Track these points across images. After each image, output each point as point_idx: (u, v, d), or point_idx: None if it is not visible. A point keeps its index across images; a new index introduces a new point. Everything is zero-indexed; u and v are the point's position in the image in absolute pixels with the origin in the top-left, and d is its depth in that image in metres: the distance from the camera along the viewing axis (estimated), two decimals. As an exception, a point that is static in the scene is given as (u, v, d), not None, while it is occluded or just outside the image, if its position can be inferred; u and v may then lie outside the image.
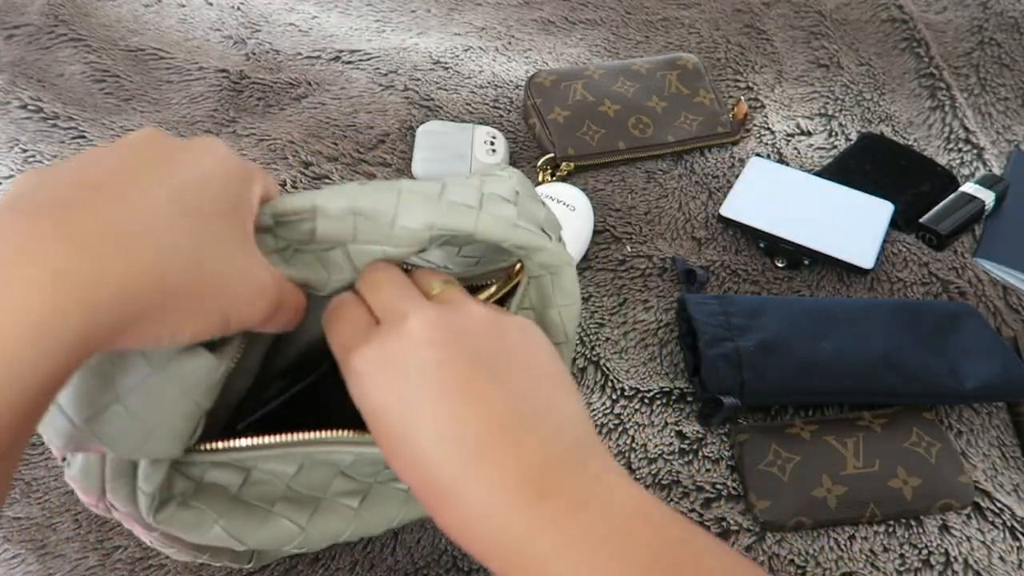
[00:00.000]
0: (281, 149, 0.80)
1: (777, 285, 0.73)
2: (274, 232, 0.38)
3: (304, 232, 0.37)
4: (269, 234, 0.38)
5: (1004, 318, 0.71)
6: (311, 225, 0.37)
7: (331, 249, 0.38)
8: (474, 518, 0.32)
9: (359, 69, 0.90)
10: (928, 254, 0.76)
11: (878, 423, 0.61)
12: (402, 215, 0.37)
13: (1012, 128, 0.91)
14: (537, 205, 0.43)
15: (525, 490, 0.31)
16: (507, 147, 0.81)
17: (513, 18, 0.99)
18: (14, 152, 0.77)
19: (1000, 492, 0.60)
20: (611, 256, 0.74)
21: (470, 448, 0.32)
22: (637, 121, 0.83)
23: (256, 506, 0.38)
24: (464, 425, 0.32)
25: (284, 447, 0.39)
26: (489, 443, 0.32)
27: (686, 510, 0.58)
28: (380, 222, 0.37)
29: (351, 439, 0.40)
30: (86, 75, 0.87)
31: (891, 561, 0.56)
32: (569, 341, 0.47)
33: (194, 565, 0.54)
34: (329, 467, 0.40)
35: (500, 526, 0.31)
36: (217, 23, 0.95)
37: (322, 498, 0.40)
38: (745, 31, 1.00)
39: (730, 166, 0.83)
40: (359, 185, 0.38)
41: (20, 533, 0.56)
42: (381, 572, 0.54)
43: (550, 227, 0.43)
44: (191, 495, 0.38)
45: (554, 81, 0.84)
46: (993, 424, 0.64)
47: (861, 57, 0.98)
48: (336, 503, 0.40)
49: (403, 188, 0.38)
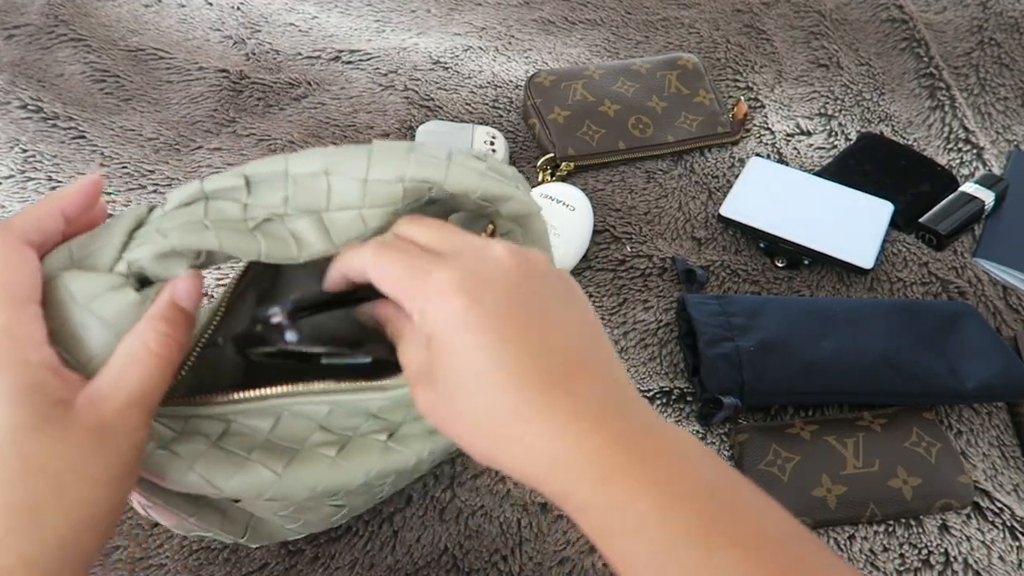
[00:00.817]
0: (281, 149, 0.80)
1: (777, 285, 0.73)
2: (244, 203, 0.38)
3: (277, 200, 0.38)
4: (238, 205, 0.38)
5: (1004, 318, 0.71)
6: (283, 193, 0.38)
7: (300, 217, 0.39)
8: (547, 440, 0.33)
9: (359, 69, 0.90)
10: (928, 254, 0.76)
11: (878, 423, 0.61)
12: (375, 168, 0.38)
13: (1012, 128, 0.91)
14: (503, 166, 0.44)
15: (598, 413, 0.33)
16: (507, 147, 0.81)
17: (513, 18, 0.99)
18: (14, 152, 0.77)
19: (1000, 492, 0.60)
20: (611, 256, 0.74)
21: (558, 374, 0.33)
22: (637, 121, 0.83)
23: (233, 453, 0.39)
24: (553, 352, 0.34)
25: (258, 400, 0.40)
26: (569, 371, 0.34)
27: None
28: (353, 177, 0.38)
29: (324, 388, 0.40)
30: (86, 75, 0.87)
31: (891, 561, 0.56)
32: None
33: (194, 565, 0.54)
34: (307, 420, 0.41)
35: (572, 446, 0.32)
36: (217, 23, 0.95)
37: (300, 449, 0.41)
38: (745, 31, 1.00)
39: (730, 166, 0.83)
40: (332, 148, 0.39)
41: (20, 533, 0.55)
42: (381, 571, 0.54)
43: (517, 181, 0.44)
44: (169, 441, 0.39)
45: (554, 81, 0.84)
46: (993, 424, 0.64)
47: (861, 57, 0.98)
48: (314, 452, 0.41)
49: (374, 147, 0.39)
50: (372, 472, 0.42)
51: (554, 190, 0.74)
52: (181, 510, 0.43)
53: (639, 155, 0.82)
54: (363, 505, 0.51)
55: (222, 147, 0.81)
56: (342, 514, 0.49)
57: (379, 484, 0.45)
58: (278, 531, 0.49)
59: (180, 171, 0.78)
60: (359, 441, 0.42)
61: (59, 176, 0.76)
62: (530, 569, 0.55)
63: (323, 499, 0.45)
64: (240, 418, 0.40)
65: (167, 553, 0.55)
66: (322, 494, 0.41)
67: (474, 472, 0.59)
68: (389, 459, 0.42)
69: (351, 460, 0.41)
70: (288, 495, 0.40)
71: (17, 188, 0.75)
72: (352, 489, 0.42)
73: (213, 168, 0.78)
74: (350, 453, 0.41)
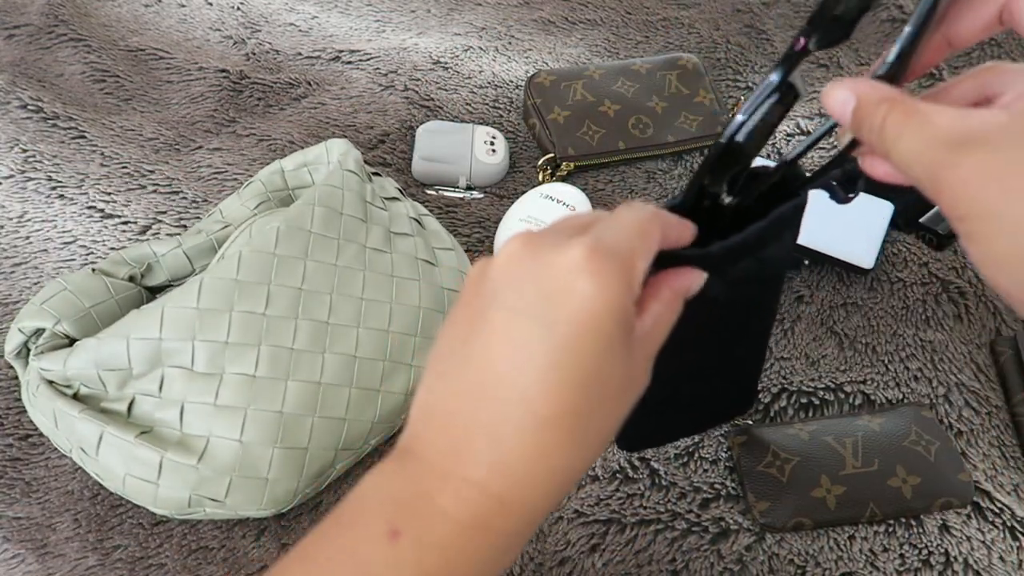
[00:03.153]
0: (281, 149, 0.80)
1: (777, 285, 0.73)
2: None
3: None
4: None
5: (1004, 318, 0.71)
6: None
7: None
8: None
9: (359, 69, 0.90)
10: (928, 254, 0.76)
11: (876, 422, 0.61)
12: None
13: (1012, 128, 0.91)
14: None
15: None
16: (507, 147, 0.81)
17: (513, 18, 0.99)
18: (14, 152, 0.77)
19: (1000, 492, 0.60)
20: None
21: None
22: (637, 121, 0.83)
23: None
24: None
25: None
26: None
27: (684, 511, 0.58)
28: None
29: None
30: (86, 75, 0.87)
31: (891, 561, 0.56)
32: None
33: (193, 564, 0.55)
34: None
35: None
36: (217, 23, 0.95)
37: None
38: (745, 31, 1.00)
39: (730, 166, 0.83)
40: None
41: (20, 533, 0.56)
42: (381, 572, 0.54)
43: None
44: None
45: (554, 81, 0.84)
46: (993, 424, 0.64)
47: (861, 57, 0.98)
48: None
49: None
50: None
51: (554, 190, 0.74)
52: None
53: (639, 155, 0.82)
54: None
55: (222, 147, 0.81)
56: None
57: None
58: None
59: (180, 171, 0.78)
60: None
61: (59, 176, 0.76)
62: (530, 570, 0.55)
63: None
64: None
65: (167, 553, 0.55)
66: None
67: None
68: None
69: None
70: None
71: (17, 188, 0.75)
72: None
73: (213, 168, 0.78)
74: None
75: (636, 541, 0.57)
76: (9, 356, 0.56)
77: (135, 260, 0.60)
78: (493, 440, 0.30)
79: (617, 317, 0.30)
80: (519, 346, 0.30)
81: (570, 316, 0.30)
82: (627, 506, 0.59)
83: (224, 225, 0.63)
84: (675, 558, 0.56)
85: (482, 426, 0.31)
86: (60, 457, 0.60)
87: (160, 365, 0.54)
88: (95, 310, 0.57)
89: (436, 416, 0.32)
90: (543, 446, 0.30)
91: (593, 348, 0.30)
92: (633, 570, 0.56)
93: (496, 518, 0.31)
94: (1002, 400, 0.66)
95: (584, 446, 0.31)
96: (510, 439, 0.30)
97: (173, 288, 0.60)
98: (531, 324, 0.30)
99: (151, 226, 0.73)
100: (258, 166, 0.79)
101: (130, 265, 0.60)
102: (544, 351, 0.30)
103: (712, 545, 0.57)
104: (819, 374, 0.67)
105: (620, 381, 0.32)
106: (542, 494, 0.31)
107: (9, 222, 0.73)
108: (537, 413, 0.30)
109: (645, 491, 0.59)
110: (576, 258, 0.30)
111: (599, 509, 0.58)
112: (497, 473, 0.30)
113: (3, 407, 0.62)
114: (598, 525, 0.58)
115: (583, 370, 0.30)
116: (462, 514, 0.30)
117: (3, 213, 0.74)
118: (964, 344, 0.69)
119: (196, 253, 0.61)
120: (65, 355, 0.53)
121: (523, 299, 0.31)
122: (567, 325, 0.30)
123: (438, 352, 0.33)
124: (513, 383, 0.30)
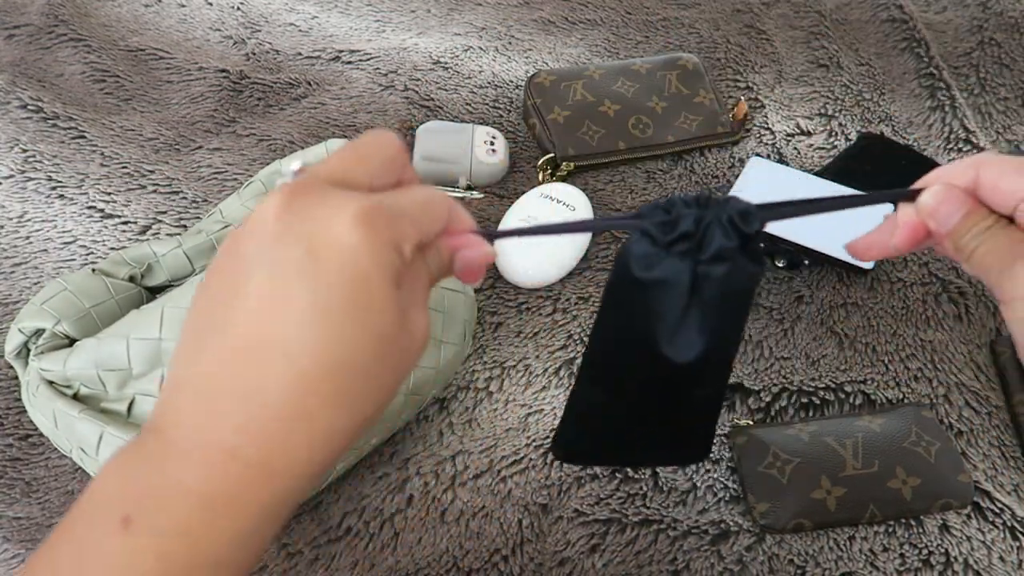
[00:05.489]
0: (281, 149, 0.80)
1: (777, 285, 0.73)
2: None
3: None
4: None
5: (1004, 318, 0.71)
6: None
7: None
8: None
9: (359, 69, 0.90)
10: (928, 254, 0.76)
11: (877, 423, 0.61)
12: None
13: (1012, 128, 0.91)
14: None
15: None
16: (507, 147, 0.81)
17: (513, 18, 0.99)
18: (14, 152, 0.77)
19: (1000, 492, 0.60)
20: (611, 256, 0.74)
21: None
22: (637, 121, 0.83)
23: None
24: None
25: None
26: None
27: (684, 511, 0.58)
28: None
29: None
30: (86, 75, 0.87)
31: (891, 561, 0.56)
32: None
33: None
34: None
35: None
36: (217, 23, 0.95)
37: None
38: (745, 31, 1.00)
39: (730, 166, 0.83)
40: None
41: (20, 533, 0.56)
42: (381, 572, 0.54)
43: None
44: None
45: (554, 81, 0.84)
46: (993, 424, 0.64)
47: (861, 57, 0.98)
48: None
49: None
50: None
51: (554, 190, 0.74)
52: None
53: (639, 155, 0.82)
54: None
55: (222, 147, 0.81)
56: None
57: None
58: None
59: (180, 171, 0.78)
60: None
61: (59, 176, 0.76)
62: (530, 570, 0.55)
63: None
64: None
65: (167, 553, 0.55)
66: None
67: (475, 472, 0.59)
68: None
69: None
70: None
71: (17, 188, 0.75)
72: None
73: (213, 168, 0.78)
74: None
75: (636, 541, 0.57)
76: (9, 356, 0.56)
77: (135, 260, 0.60)
78: (246, 402, 0.28)
79: (385, 273, 0.29)
80: (283, 303, 0.29)
81: (337, 269, 0.29)
82: (627, 506, 0.59)
83: (224, 225, 0.63)
84: (675, 558, 0.56)
85: (238, 390, 0.29)
86: (60, 457, 0.60)
87: (160, 365, 0.54)
88: (95, 310, 0.57)
89: (187, 388, 0.30)
90: (305, 406, 0.29)
91: (360, 301, 0.29)
92: (633, 570, 0.56)
93: (251, 487, 0.29)
94: (1002, 400, 0.66)
95: (353, 407, 0.30)
96: (267, 399, 0.28)
97: (173, 288, 0.60)
98: (297, 281, 0.29)
99: (151, 226, 0.73)
100: (258, 166, 0.79)
101: (130, 265, 0.60)
102: (308, 305, 0.28)
103: (712, 546, 0.57)
104: (819, 374, 0.67)
105: (392, 338, 0.30)
106: (305, 459, 0.29)
107: (9, 222, 0.73)
108: (301, 370, 0.28)
109: (645, 491, 0.59)
110: (349, 214, 0.29)
111: (599, 509, 0.58)
112: (249, 436, 0.28)
113: (3, 407, 0.62)
114: (598, 525, 0.58)
115: (350, 324, 0.29)
116: (208, 487, 0.28)
117: (3, 213, 0.74)
118: (964, 344, 0.69)
119: (196, 253, 0.61)
120: (65, 355, 0.53)
121: (288, 256, 0.29)
122: (333, 278, 0.28)
123: (194, 323, 0.31)
124: (276, 341, 0.28)
